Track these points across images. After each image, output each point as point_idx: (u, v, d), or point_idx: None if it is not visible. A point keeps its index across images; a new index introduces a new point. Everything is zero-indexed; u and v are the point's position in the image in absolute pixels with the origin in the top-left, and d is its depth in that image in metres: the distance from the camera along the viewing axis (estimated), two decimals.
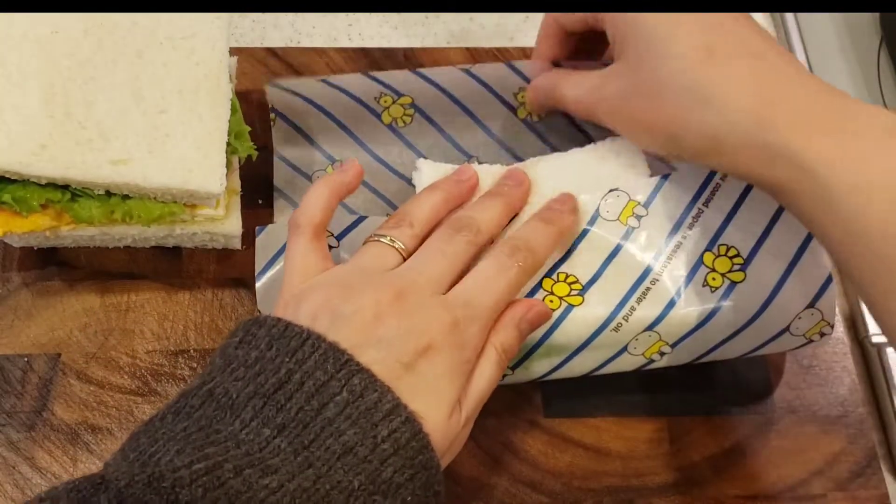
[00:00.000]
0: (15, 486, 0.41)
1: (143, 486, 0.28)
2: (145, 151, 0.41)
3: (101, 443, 0.42)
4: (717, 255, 0.40)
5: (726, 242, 0.40)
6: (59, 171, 0.40)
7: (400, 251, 0.38)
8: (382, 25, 0.57)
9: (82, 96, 0.42)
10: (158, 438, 0.31)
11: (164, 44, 0.44)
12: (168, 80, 0.43)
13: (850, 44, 0.58)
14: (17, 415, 0.42)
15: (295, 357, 0.32)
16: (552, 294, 0.40)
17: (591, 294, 0.40)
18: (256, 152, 0.46)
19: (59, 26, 0.43)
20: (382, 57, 0.53)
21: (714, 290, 0.39)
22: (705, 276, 0.39)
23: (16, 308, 0.45)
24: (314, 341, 0.32)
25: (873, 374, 0.47)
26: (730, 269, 0.39)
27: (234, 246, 0.46)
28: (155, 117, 0.42)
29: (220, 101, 0.43)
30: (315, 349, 0.32)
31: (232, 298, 0.46)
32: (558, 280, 0.40)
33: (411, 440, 0.32)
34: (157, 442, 0.30)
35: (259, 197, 0.48)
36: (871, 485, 0.43)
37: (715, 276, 0.39)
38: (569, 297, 0.40)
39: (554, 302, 0.39)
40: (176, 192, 0.41)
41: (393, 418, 0.32)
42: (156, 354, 0.44)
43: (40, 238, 0.44)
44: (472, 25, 0.58)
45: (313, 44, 0.56)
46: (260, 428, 0.31)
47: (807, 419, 0.44)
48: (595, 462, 0.43)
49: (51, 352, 0.44)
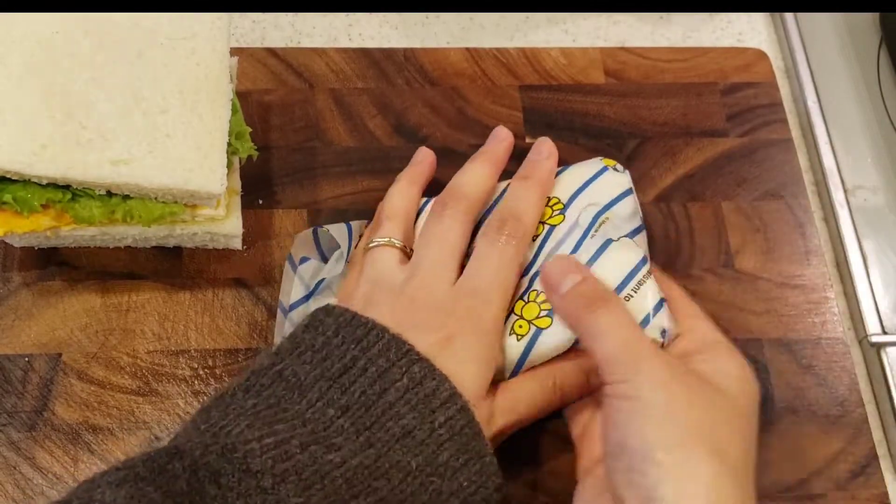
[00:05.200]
0: (16, 486, 0.41)
1: (216, 456, 0.30)
2: (146, 151, 0.41)
3: (102, 443, 0.42)
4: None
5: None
6: (59, 172, 0.40)
7: (398, 246, 0.41)
8: (382, 25, 0.57)
9: (83, 96, 0.42)
10: (229, 413, 0.33)
11: (165, 44, 0.44)
12: (168, 80, 0.43)
13: (850, 44, 0.58)
14: (17, 415, 0.42)
15: (360, 345, 0.35)
16: (522, 318, 0.40)
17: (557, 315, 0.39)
18: (257, 152, 0.46)
19: (60, 26, 0.43)
20: (382, 57, 0.53)
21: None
22: (513, 325, 0.40)
23: (16, 308, 0.45)
24: (379, 331, 0.35)
25: (873, 374, 0.48)
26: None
27: (234, 246, 0.46)
28: (155, 117, 0.42)
29: (220, 102, 0.43)
30: (379, 339, 0.35)
31: (232, 298, 0.46)
32: (528, 300, 0.40)
33: (465, 427, 0.34)
34: (228, 416, 0.33)
35: (259, 197, 0.48)
36: (871, 485, 0.44)
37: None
38: (537, 319, 0.39)
39: (523, 327, 0.39)
40: (176, 192, 0.41)
41: (450, 406, 0.34)
42: (156, 354, 0.44)
43: (41, 238, 0.44)
44: (472, 25, 0.58)
45: (313, 44, 0.56)
46: (325, 408, 0.33)
47: (807, 419, 0.44)
48: None
49: (52, 352, 0.44)
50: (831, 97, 0.55)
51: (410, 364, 0.34)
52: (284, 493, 0.30)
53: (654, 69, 0.55)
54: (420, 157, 0.46)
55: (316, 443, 0.32)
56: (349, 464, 0.32)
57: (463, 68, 0.54)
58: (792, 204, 0.51)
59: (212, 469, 0.30)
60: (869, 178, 0.53)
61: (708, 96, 0.54)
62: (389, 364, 0.34)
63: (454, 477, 0.33)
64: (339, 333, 0.35)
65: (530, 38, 0.58)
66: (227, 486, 0.30)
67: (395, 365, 0.34)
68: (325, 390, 0.34)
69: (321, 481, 0.31)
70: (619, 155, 0.51)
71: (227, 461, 0.30)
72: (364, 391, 0.33)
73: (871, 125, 0.55)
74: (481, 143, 0.47)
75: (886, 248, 0.51)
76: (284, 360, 0.35)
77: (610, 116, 0.53)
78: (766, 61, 0.55)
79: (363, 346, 0.34)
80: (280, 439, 0.31)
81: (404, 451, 0.33)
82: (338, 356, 0.34)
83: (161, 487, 0.29)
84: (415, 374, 0.34)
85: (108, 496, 0.29)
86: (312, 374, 0.34)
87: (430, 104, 0.52)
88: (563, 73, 0.54)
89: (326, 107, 0.52)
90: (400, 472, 0.32)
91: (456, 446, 0.33)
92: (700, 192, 0.50)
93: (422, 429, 0.33)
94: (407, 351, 0.34)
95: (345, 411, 0.33)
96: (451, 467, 0.33)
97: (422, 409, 0.33)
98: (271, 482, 0.30)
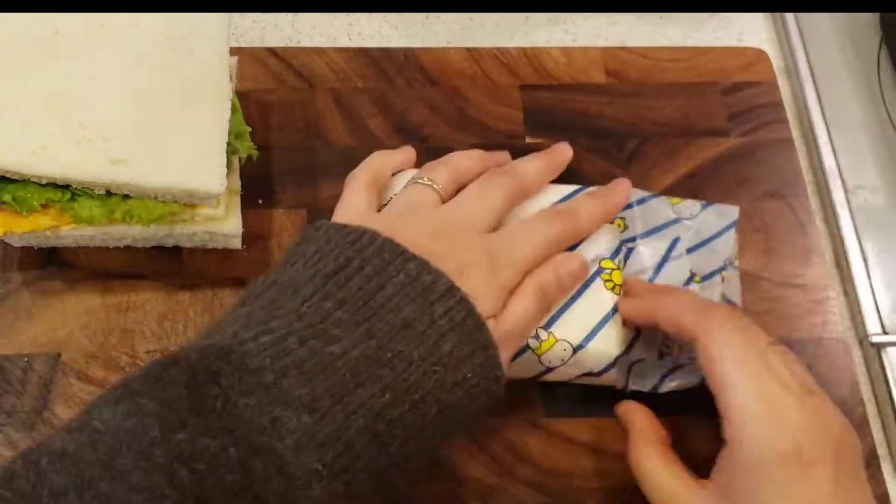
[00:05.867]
0: None
1: (213, 358, 0.30)
2: (146, 151, 0.41)
3: None
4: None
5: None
6: (59, 171, 0.40)
7: (438, 191, 0.40)
8: (382, 25, 0.57)
9: (82, 96, 0.42)
10: (224, 323, 0.33)
11: (164, 44, 0.44)
12: (168, 80, 0.43)
13: (850, 44, 0.58)
14: (17, 415, 0.42)
15: (354, 247, 0.34)
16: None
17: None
18: (257, 152, 0.46)
19: (59, 26, 0.43)
20: (382, 57, 0.53)
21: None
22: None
23: (16, 308, 0.45)
24: (371, 235, 0.35)
25: (873, 374, 0.47)
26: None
27: (234, 246, 0.46)
28: (155, 117, 0.42)
29: (220, 101, 0.43)
30: (372, 241, 0.35)
31: (232, 298, 0.46)
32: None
33: (466, 318, 0.34)
34: (223, 325, 0.33)
35: (259, 197, 0.48)
36: (871, 484, 0.43)
37: None
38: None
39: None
40: (176, 192, 0.41)
41: (448, 298, 0.34)
42: (156, 354, 0.44)
43: (40, 238, 0.44)
44: (472, 25, 0.58)
45: (313, 44, 0.56)
46: (321, 302, 0.33)
47: None
48: (595, 462, 0.43)
49: (51, 351, 0.44)
50: (831, 97, 0.55)
51: (405, 262, 0.34)
52: (287, 386, 0.30)
53: (654, 69, 0.55)
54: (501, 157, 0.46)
55: (314, 336, 0.31)
56: (350, 354, 0.31)
57: (463, 68, 0.54)
58: (792, 204, 0.51)
59: (210, 371, 0.30)
60: (869, 178, 0.53)
61: (708, 96, 0.54)
62: (385, 263, 0.34)
63: (458, 367, 0.33)
64: (332, 240, 0.35)
65: (530, 37, 0.58)
66: (227, 385, 0.29)
67: (391, 263, 0.34)
68: (321, 286, 0.33)
69: (323, 373, 0.31)
70: (620, 155, 0.51)
71: (226, 361, 0.30)
72: (361, 287, 0.33)
73: (872, 125, 0.55)
74: (481, 143, 0.47)
75: (887, 248, 0.51)
76: (277, 272, 0.35)
77: (610, 116, 0.53)
78: (767, 61, 0.55)
79: (356, 248, 0.34)
80: (277, 337, 0.31)
81: (405, 341, 0.32)
82: (332, 258, 0.34)
83: (157, 397, 0.29)
84: (411, 270, 0.34)
85: (106, 415, 0.29)
86: (306, 275, 0.34)
87: (431, 104, 0.52)
88: (564, 73, 0.54)
89: (326, 107, 0.52)
90: (402, 361, 0.32)
91: (458, 337, 0.33)
92: (701, 192, 0.50)
93: (421, 320, 0.33)
94: (402, 251, 0.34)
95: (342, 304, 0.33)
96: (454, 357, 0.33)
97: (420, 301, 0.33)
98: (272, 378, 0.30)
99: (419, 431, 0.33)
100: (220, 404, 0.29)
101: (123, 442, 0.28)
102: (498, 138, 0.51)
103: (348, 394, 0.31)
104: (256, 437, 0.29)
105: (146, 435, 0.28)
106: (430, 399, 0.33)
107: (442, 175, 0.41)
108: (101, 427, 0.28)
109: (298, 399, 0.30)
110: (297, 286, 0.34)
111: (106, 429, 0.28)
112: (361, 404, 0.31)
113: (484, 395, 0.35)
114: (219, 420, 0.29)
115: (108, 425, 0.28)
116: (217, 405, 0.29)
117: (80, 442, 0.28)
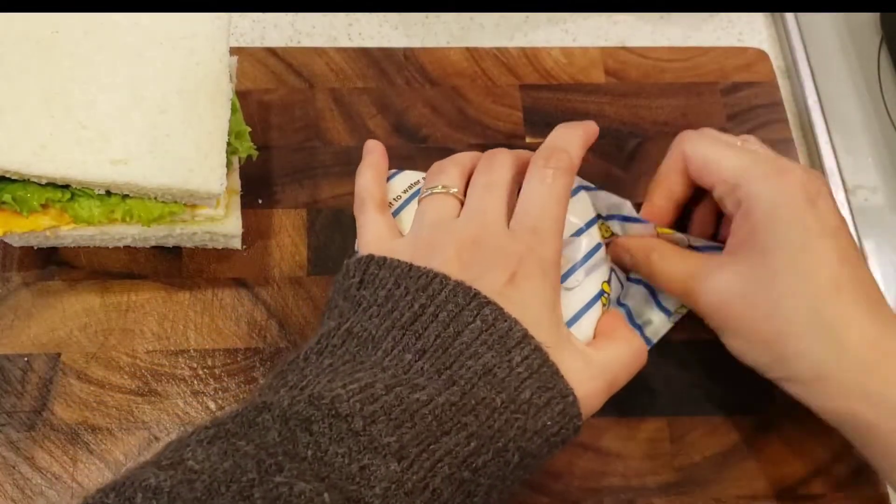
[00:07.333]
0: (15, 485, 0.41)
1: (304, 405, 0.30)
2: (145, 151, 0.41)
3: (101, 443, 0.42)
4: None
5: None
6: (59, 171, 0.40)
7: (456, 195, 0.40)
8: (382, 25, 0.57)
9: (82, 96, 0.42)
10: (307, 374, 0.33)
11: (164, 44, 0.44)
12: (168, 80, 0.43)
13: (850, 44, 0.58)
14: (17, 414, 0.42)
15: (426, 293, 0.34)
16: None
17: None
18: (257, 152, 0.46)
19: (59, 26, 0.43)
20: (382, 57, 0.53)
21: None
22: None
23: (16, 308, 0.45)
24: (442, 279, 0.35)
25: None
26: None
27: (234, 246, 0.46)
28: (155, 117, 0.42)
29: (220, 101, 0.43)
30: (444, 285, 0.34)
31: (232, 298, 0.46)
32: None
33: (542, 366, 0.34)
34: (307, 377, 0.33)
35: (259, 197, 0.48)
36: (871, 485, 0.43)
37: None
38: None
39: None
40: (176, 191, 0.41)
41: (524, 345, 0.34)
42: (156, 354, 0.44)
43: (40, 238, 0.44)
44: (472, 25, 0.58)
45: (313, 44, 0.56)
46: (402, 354, 0.33)
47: (807, 419, 0.44)
48: (595, 462, 0.43)
49: (51, 351, 0.44)
50: (831, 97, 0.55)
51: (480, 307, 0.34)
52: (377, 433, 0.30)
53: (654, 69, 0.55)
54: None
55: (399, 385, 0.32)
56: (436, 401, 0.32)
57: (463, 68, 0.54)
58: None
59: (301, 417, 0.30)
60: (869, 178, 0.53)
61: (708, 96, 0.54)
62: (459, 308, 0.34)
63: (538, 416, 0.33)
64: (401, 285, 0.35)
65: (530, 37, 0.58)
66: (318, 432, 0.30)
67: (466, 309, 0.34)
68: (399, 338, 0.34)
69: (411, 419, 0.31)
70: (620, 155, 0.51)
71: (316, 408, 0.30)
72: (438, 334, 0.33)
73: (872, 125, 0.55)
74: (481, 143, 0.47)
75: (886, 248, 0.51)
76: (350, 318, 0.35)
77: (610, 116, 0.53)
78: (767, 61, 0.55)
79: (429, 293, 0.34)
80: (364, 384, 0.31)
81: (487, 388, 0.32)
82: (405, 306, 0.34)
83: (253, 440, 0.29)
84: (486, 315, 0.34)
85: (200, 454, 0.29)
86: (383, 327, 0.34)
87: (430, 104, 0.52)
88: (564, 73, 0.54)
89: (326, 106, 0.52)
90: (486, 408, 0.32)
91: (537, 384, 0.33)
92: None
93: (501, 367, 0.33)
94: (475, 295, 0.34)
95: (422, 354, 0.33)
96: (534, 405, 0.33)
97: (498, 348, 0.33)
98: (362, 424, 0.30)
99: (502, 481, 0.33)
100: (311, 452, 0.30)
101: (221, 482, 0.28)
102: (498, 138, 0.51)
103: (434, 441, 0.31)
104: (347, 485, 0.29)
105: (244, 476, 0.28)
106: (511, 447, 0.33)
107: (453, 176, 0.41)
108: (197, 466, 0.28)
109: (387, 447, 0.30)
110: (376, 340, 0.34)
111: (202, 468, 0.28)
112: (447, 452, 0.31)
113: (561, 445, 0.35)
114: (310, 467, 0.29)
115: (203, 465, 0.28)
116: (308, 453, 0.29)
117: (176, 479, 0.28)
